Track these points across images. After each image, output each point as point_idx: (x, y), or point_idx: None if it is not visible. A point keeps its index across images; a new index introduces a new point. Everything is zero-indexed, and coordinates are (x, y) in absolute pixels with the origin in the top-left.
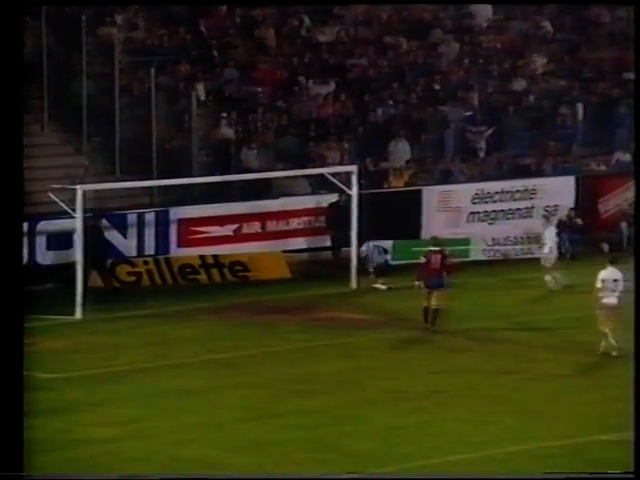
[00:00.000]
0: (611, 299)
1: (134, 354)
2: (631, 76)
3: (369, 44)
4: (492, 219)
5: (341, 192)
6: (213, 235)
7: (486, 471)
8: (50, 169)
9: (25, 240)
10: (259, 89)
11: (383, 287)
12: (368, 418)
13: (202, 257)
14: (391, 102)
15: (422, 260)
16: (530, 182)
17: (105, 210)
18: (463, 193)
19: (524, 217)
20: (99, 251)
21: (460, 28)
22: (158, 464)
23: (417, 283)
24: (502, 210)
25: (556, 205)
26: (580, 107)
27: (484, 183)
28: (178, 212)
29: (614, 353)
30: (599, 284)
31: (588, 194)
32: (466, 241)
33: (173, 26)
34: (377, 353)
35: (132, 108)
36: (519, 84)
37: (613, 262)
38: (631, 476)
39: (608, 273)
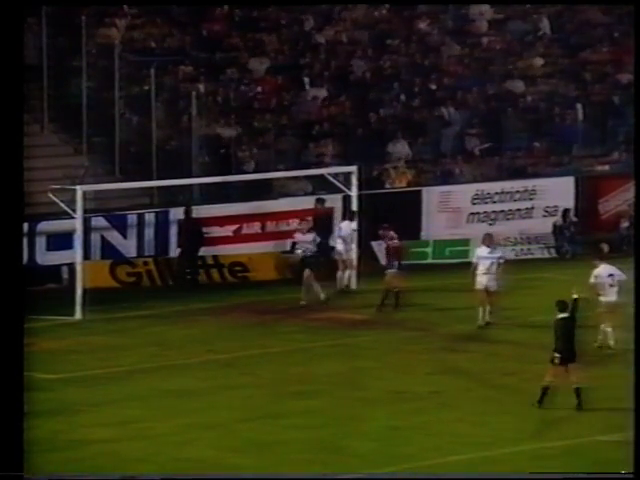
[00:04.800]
0: (610, 297)
1: (134, 354)
2: (630, 77)
3: (368, 45)
4: (492, 220)
5: (319, 197)
6: (213, 235)
7: (486, 471)
8: (50, 169)
9: (25, 241)
10: (259, 90)
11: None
12: (368, 418)
13: (202, 257)
14: (390, 103)
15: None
16: (530, 183)
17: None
18: (463, 194)
19: (524, 218)
20: (192, 243)
21: (459, 29)
22: (158, 464)
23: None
24: (502, 211)
25: (556, 205)
26: (580, 108)
27: (484, 184)
28: (178, 213)
29: (609, 351)
30: (592, 279)
31: (588, 195)
32: (466, 242)
33: (173, 27)
34: (377, 353)
35: (132, 108)
36: (518, 85)
37: (602, 258)
38: (631, 476)
39: (600, 270)
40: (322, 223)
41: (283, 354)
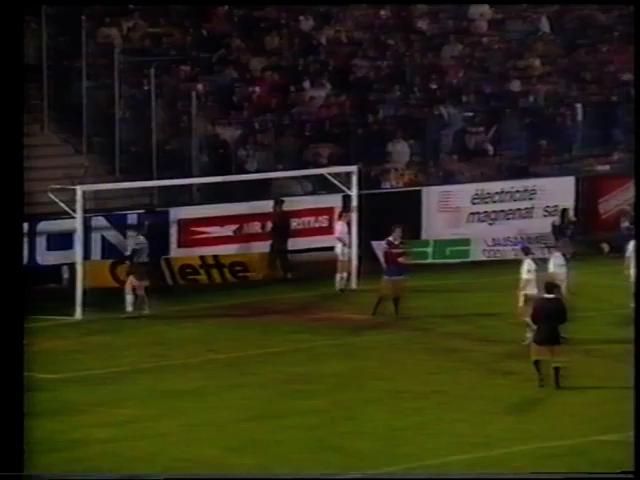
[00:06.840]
0: (533, 290)
1: (134, 354)
2: (630, 76)
3: (369, 45)
4: (492, 219)
5: (277, 199)
6: (213, 235)
7: (486, 471)
8: (50, 169)
9: (25, 241)
10: (259, 90)
11: None
12: (368, 418)
13: (202, 257)
14: (390, 103)
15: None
16: (530, 182)
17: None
18: (463, 193)
19: (524, 218)
20: (156, 248)
21: (459, 29)
22: (158, 464)
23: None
24: (502, 210)
25: (556, 205)
26: (579, 108)
27: (484, 183)
28: (178, 213)
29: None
30: (528, 275)
31: (588, 194)
32: (466, 242)
33: (173, 27)
34: (377, 353)
35: (132, 108)
36: (518, 85)
37: (527, 253)
38: (631, 476)
39: (531, 264)
40: (280, 226)
41: (283, 354)
